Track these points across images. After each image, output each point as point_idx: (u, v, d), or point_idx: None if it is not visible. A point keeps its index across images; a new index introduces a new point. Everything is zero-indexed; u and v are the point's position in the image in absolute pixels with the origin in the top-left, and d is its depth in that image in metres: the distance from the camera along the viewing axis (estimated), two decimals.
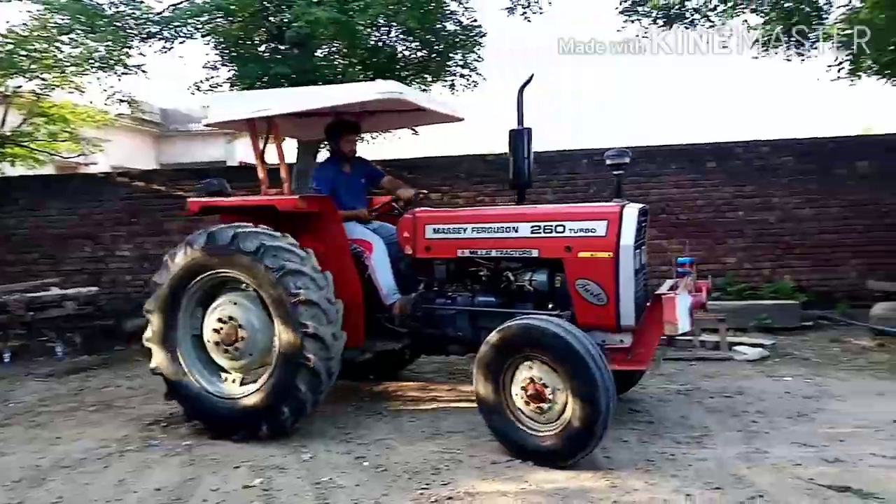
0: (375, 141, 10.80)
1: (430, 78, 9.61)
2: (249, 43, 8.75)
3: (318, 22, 7.10)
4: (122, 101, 9.59)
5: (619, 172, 4.55)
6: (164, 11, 8.47)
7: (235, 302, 4.67)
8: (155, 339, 4.80)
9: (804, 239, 9.17)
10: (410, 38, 9.03)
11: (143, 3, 8.43)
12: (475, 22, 9.24)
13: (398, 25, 8.62)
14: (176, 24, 8.23)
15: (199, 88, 9.18)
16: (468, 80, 9.67)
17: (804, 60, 9.05)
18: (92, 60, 8.43)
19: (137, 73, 8.92)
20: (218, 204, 5.13)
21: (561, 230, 4.45)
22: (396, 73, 8.94)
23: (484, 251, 4.74)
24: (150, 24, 8.36)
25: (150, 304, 4.87)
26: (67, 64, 8.77)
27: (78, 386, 6.56)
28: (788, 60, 9.09)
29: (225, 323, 4.62)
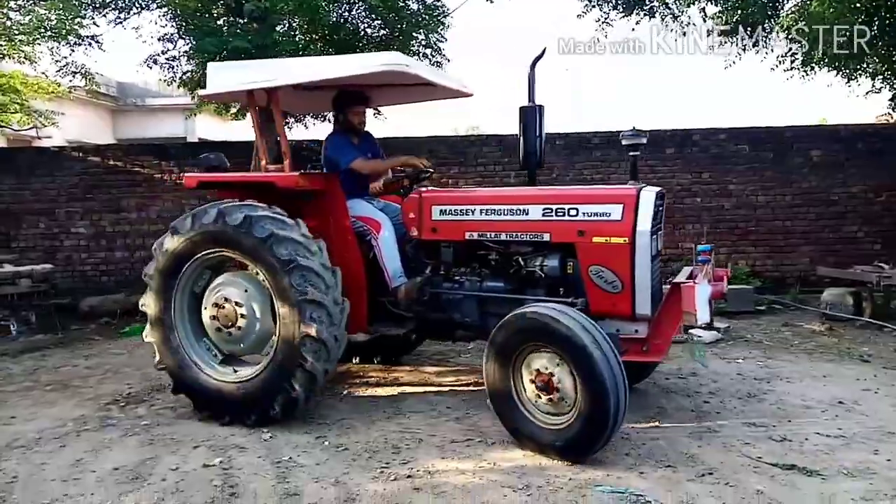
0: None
1: None
2: (207, 16, 8.55)
3: None
4: (75, 73, 9.30)
5: (634, 154, 4.46)
6: None
7: (239, 284, 4.50)
8: (152, 308, 4.65)
9: (759, 226, 9.43)
10: (373, 15, 8.94)
11: None
12: (438, 2, 9.18)
13: (361, 2, 8.53)
14: None
15: (155, 62, 8.97)
16: (432, 60, 9.62)
17: (758, 52, 9.27)
18: (42, 29, 8.15)
19: (91, 44, 8.67)
20: (216, 179, 4.93)
21: (574, 213, 4.24)
22: (359, 50, 8.85)
23: (493, 234, 4.54)
24: None
25: (148, 269, 4.67)
26: (17, 32, 8.46)
27: (33, 365, 6.43)
28: (744, 51, 9.29)
29: (225, 304, 4.47)
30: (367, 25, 9.30)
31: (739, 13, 8.36)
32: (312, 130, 10.25)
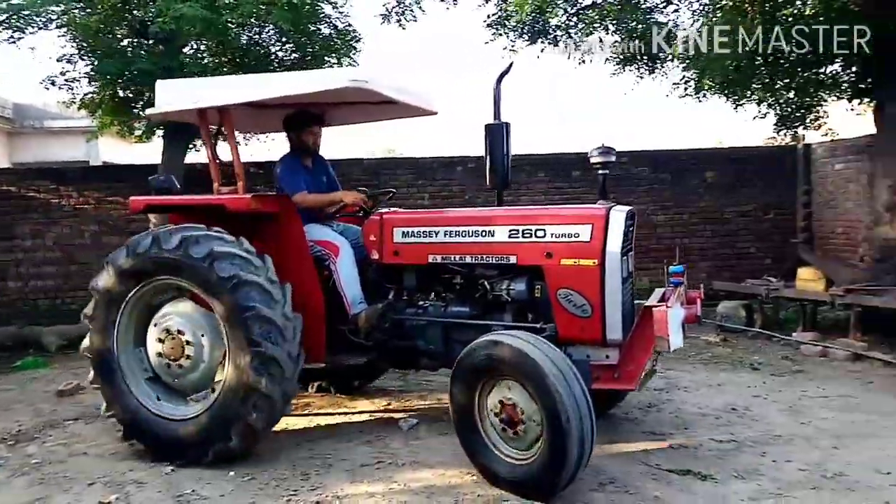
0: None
1: None
2: (110, 36, 8.29)
3: (183, 18, 6.84)
4: None
5: (603, 172, 4.25)
6: None
7: (183, 312, 4.23)
8: (94, 350, 4.33)
9: (659, 243, 9.89)
10: (284, 39, 8.90)
11: None
12: (350, 27, 9.24)
13: (271, 26, 8.47)
14: (26, 13, 7.65)
15: (53, 83, 8.59)
16: None
17: (655, 79, 9.81)
18: None
19: None
20: (163, 202, 4.67)
21: (541, 235, 4.06)
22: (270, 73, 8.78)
23: (457, 257, 4.34)
24: None
25: (88, 310, 4.36)
26: None
27: None
28: (641, 77, 9.80)
29: (171, 335, 4.19)
30: (278, 49, 9.24)
31: (637, 42, 8.82)
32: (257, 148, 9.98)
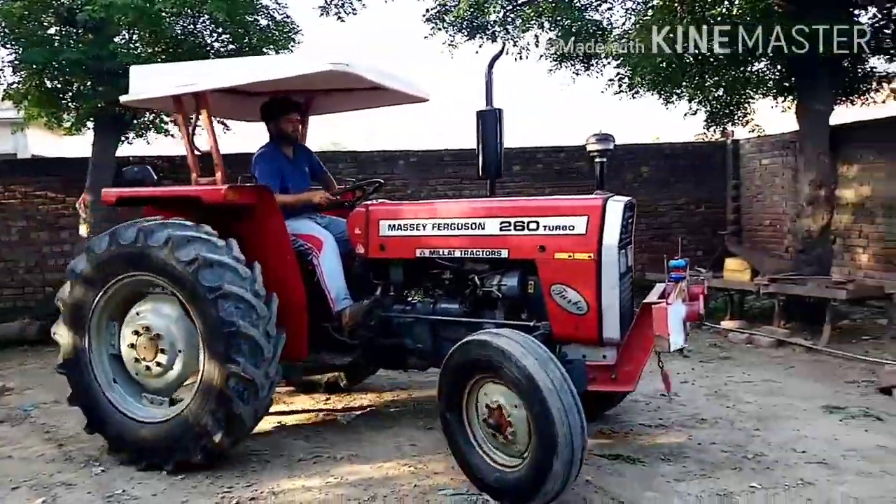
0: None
1: None
2: (36, 24, 7.96)
3: (114, 6, 6.63)
4: None
5: (601, 161, 4.06)
6: None
7: (162, 312, 4.04)
8: (64, 337, 4.16)
9: None
10: (220, 29, 8.72)
11: None
12: (288, 18, 9.12)
13: (206, 16, 8.29)
14: None
15: None
16: None
17: (590, 75, 10.04)
18: None
19: None
20: (135, 195, 4.43)
21: (534, 227, 3.84)
22: None
23: (446, 251, 4.13)
24: None
25: (62, 293, 4.19)
26: None
27: None
28: (577, 74, 10.00)
29: (144, 334, 4.01)
30: (213, 39, 9.05)
31: (573, 40, 8.99)
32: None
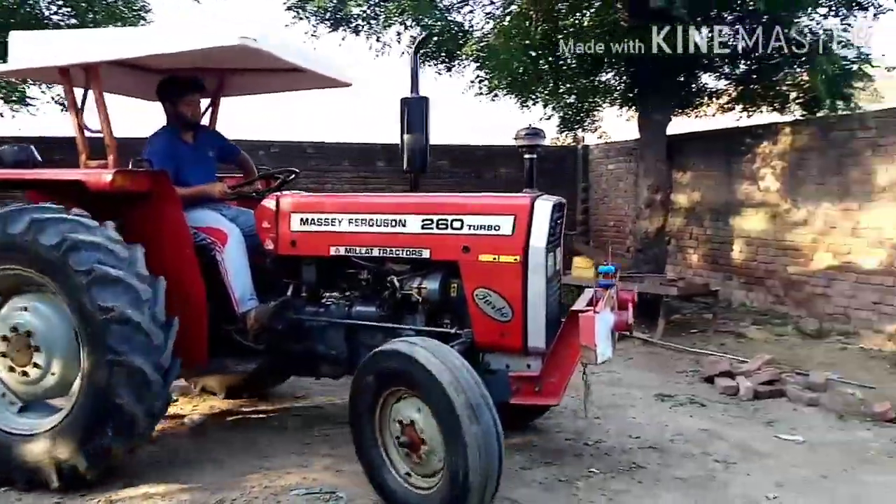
0: None
1: None
2: None
3: None
4: None
5: (530, 157, 3.81)
6: None
7: (36, 309, 3.55)
8: None
9: None
10: (60, 2, 8.06)
11: None
12: None
13: None
14: None
15: None
16: None
17: (452, 76, 10.25)
18: None
19: None
20: (13, 178, 3.93)
21: (458, 226, 3.58)
22: None
23: (363, 249, 3.82)
24: None
25: None
26: None
27: None
28: (440, 74, 10.20)
29: (14, 336, 3.53)
30: (52, 12, 8.34)
31: (435, 39, 9.12)
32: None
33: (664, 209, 8.63)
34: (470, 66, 9.69)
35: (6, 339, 3.58)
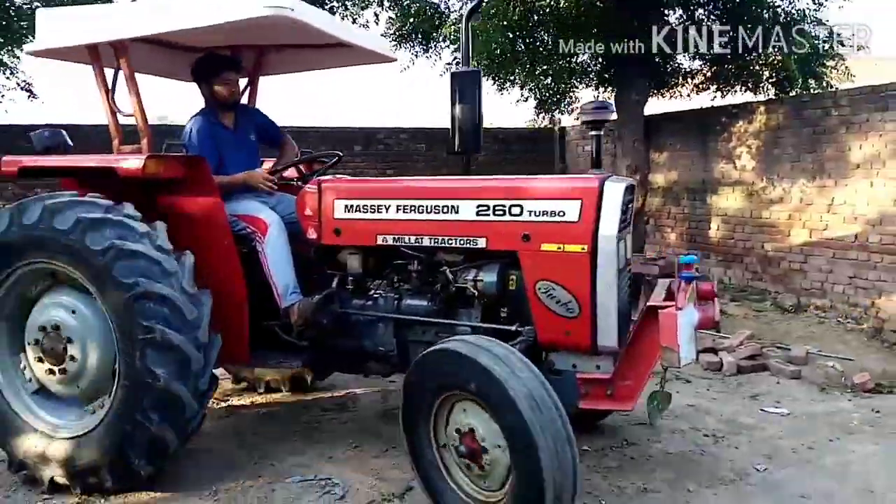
0: None
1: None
2: None
3: None
4: None
5: (596, 133, 3.42)
6: None
7: (73, 307, 3.38)
8: None
9: None
10: None
11: None
12: None
13: None
14: None
15: None
16: None
17: (429, 58, 10.19)
18: None
19: None
20: (40, 165, 3.72)
21: (517, 212, 3.22)
22: None
23: (413, 238, 3.48)
24: None
25: None
26: None
27: None
28: (417, 56, 10.13)
29: (51, 332, 3.38)
30: None
31: (411, 21, 9.05)
32: None
33: (642, 189, 8.72)
34: (448, 48, 9.65)
35: (44, 329, 3.42)
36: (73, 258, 3.26)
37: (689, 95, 9.85)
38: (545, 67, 9.42)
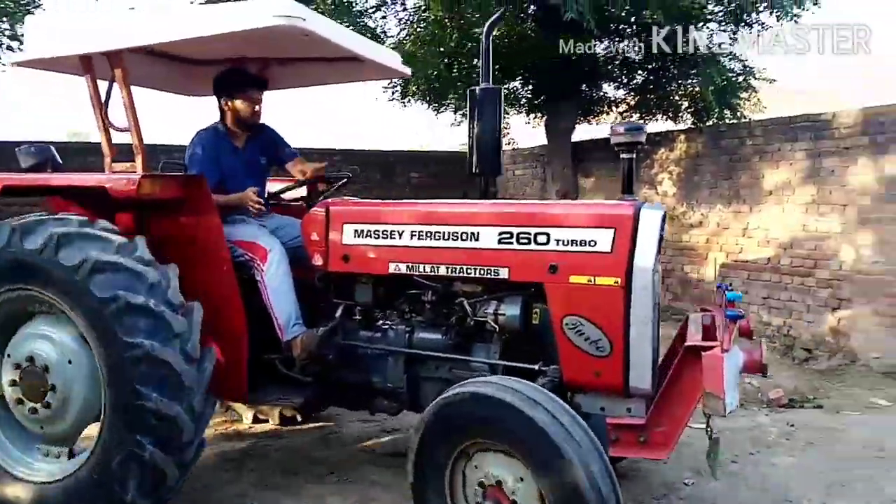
0: None
1: None
2: None
3: None
4: None
5: (629, 157, 3.15)
6: None
7: (51, 337, 3.12)
8: None
9: None
10: None
11: None
12: None
13: None
14: None
15: None
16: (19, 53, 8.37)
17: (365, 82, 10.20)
18: None
19: None
20: (21, 183, 3.45)
21: (543, 241, 2.98)
22: None
23: (428, 267, 3.23)
24: None
25: None
26: None
27: None
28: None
29: (28, 366, 3.10)
30: None
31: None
32: None
33: None
34: None
35: (19, 367, 3.16)
36: (47, 280, 3.03)
37: (614, 123, 10.24)
38: None
